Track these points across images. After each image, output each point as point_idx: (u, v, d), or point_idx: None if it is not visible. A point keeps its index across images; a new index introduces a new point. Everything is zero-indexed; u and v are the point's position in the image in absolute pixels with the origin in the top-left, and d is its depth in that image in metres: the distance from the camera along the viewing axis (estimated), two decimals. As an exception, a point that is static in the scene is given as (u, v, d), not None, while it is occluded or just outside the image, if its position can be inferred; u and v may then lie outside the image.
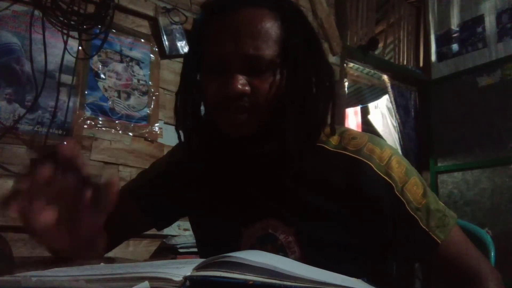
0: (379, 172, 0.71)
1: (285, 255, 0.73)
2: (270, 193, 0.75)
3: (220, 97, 0.69)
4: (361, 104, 3.93)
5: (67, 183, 0.57)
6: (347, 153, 0.74)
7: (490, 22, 3.34)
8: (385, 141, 0.79)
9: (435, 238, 0.70)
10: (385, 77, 3.46)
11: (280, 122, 0.69)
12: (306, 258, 0.71)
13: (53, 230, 0.57)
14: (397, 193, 0.71)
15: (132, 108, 2.12)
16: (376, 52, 3.45)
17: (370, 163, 0.72)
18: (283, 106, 0.69)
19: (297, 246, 0.72)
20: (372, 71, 3.37)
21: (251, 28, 0.68)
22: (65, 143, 0.56)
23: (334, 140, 0.76)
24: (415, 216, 0.70)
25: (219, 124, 0.72)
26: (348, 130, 0.79)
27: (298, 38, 0.70)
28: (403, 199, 0.71)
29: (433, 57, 3.67)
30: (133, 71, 2.15)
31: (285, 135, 0.69)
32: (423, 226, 0.70)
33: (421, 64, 3.76)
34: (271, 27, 0.69)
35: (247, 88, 0.68)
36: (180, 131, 0.77)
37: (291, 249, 0.73)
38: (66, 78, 1.90)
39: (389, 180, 0.71)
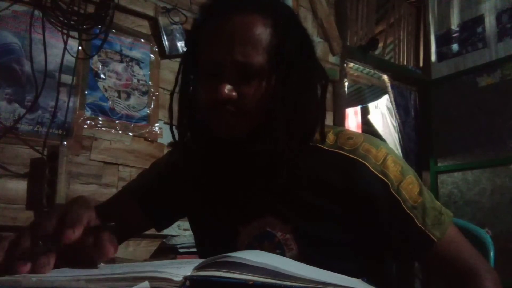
0: (375, 171, 0.72)
1: (283, 252, 0.73)
2: (267, 191, 0.76)
3: (209, 100, 0.70)
4: (361, 104, 3.94)
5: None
6: (343, 152, 0.74)
7: (490, 22, 3.34)
8: (381, 141, 0.79)
9: (431, 236, 0.70)
10: (385, 77, 3.46)
11: (271, 126, 0.70)
12: (303, 255, 0.72)
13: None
14: (393, 192, 0.71)
15: (132, 108, 2.12)
16: (376, 52, 3.45)
17: (366, 163, 0.72)
18: (274, 110, 0.70)
19: (294, 243, 0.73)
20: (372, 71, 3.37)
21: (242, 35, 0.69)
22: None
23: (330, 139, 0.77)
24: (411, 214, 0.71)
25: (209, 126, 0.74)
26: (344, 130, 0.80)
27: (290, 44, 0.71)
28: (399, 198, 0.71)
29: (433, 57, 3.67)
30: (133, 71, 2.15)
31: (275, 140, 0.70)
32: (419, 224, 0.71)
33: (421, 64, 3.76)
34: (262, 33, 0.70)
35: (233, 94, 0.69)
36: (175, 131, 0.77)
37: (288, 246, 0.73)
38: (66, 78, 1.90)
39: (385, 179, 0.72)
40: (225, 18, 0.71)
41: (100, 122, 2.01)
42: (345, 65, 3.07)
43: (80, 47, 1.91)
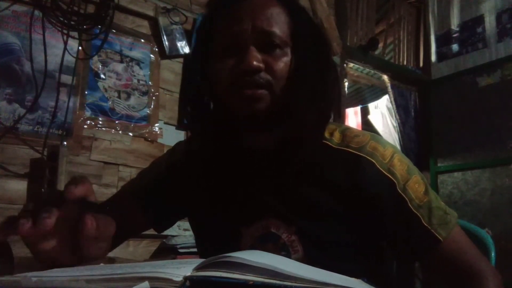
0: (381, 170, 0.72)
1: (288, 254, 0.73)
2: (271, 192, 0.75)
3: (236, 73, 0.70)
4: (361, 104, 3.94)
5: (70, 211, 0.57)
6: (350, 150, 0.74)
7: (490, 22, 3.34)
8: (386, 140, 0.79)
9: (437, 235, 0.70)
10: (385, 77, 3.46)
11: (294, 102, 0.71)
12: (309, 257, 0.71)
13: (57, 254, 0.57)
14: (399, 191, 0.71)
15: (132, 108, 2.12)
16: (376, 52, 3.44)
17: (373, 160, 0.72)
18: (296, 85, 0.71)
19: (300, 245, 0.72)
20: (372, 71, 3.37)
21: (263, 10, 0.71)
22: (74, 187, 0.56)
23: (336, 137, 0.77)
24: (417, 213, 0.71)
25: (233, 103, 0.72)
26: (350, 128, 0.79)
27: (305, 26, 0.74)
28: (405, 197, 0.71)
29: (433, 57, 3.67)
30: (133, 71, 2.15)
31: (298, 114, 0.70)
32: (425, 224, 0.70)
33: (421, 64, 3.76)
34: (281, 12, 0.72)
35: (261, 64, 0.69)
36: (190, 127, 0.78)
37: (294, 248, 0.73)
38: (66, 78, 1.90)
39: (391, 177, 0.72)
40: (241, 1, 0.72)
41: (100, 122, 2.01)
42: (345, 65, 3.07)
43: (80, 47, 1.91)
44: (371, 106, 3.87)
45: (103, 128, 2.01)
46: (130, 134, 2.10)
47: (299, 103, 0.71)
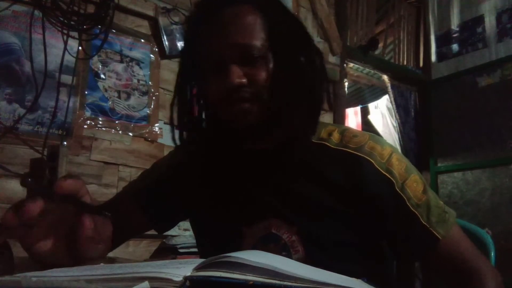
0: (380, 169, 0.72)
1: (289, 254, 0.73)
2: (272, 192, 0.75)
3: (220, 91, 0.71)
4: (361, 104, 3.94)
5: (67, 211, 0.57)
6: (349, 150, 0.75)
7: (490, 22, 3.34)
8: (385, 140, 0.80)
9: (436, 234, 0.70)
10: (385, 77, 3.46)
11: (282, 107, 0.71)
12: (309, 257, 0.71)
13: (54, 255, 0.57)
14: (398, 190, 0.71)
15: (132, 108, 2.12)
16: (376, 52, 3.45)
17: (371, 160, 0.73)
18: (281, 90, 0.71)
19: (300, 245, 0.73)
20: (372, 71, 3.37)
21: (236, 22, 0.71)
22: (64, 181, 0.56)
23: (336, 138, 0.77)
24: (416, 212, 0.71)
25: (225, 118, 0.74)
26: (349, 128, 0.80)
27: (281, 26, 0.74)
28: (403, 196, 0.71)
29: (433, 57, 3.67)
30: (133, 71, 2.15)
31: (287, 116, 0.71)
32: (424, 222, 0.71)
33: (421, 64, 3.76)
34: (255, 19, 0.72)
35: (244, 80, 0.70)
36: (177, 133, 0.78)
37: (294, 248, 0.73)
38: (66, 78, 1.90)
39: (389, 176, 0.72)
40: (216, 12, 0.72)
41: (100, 122, 2.01)
42: (345, 65, 3.07)
43: (80, 47, 1.91)
44: (371, 106, 3.87)
45: (103, 128, 2.01)
46: (130, 134, 2.10)
47: (287, 105, 0.72)
